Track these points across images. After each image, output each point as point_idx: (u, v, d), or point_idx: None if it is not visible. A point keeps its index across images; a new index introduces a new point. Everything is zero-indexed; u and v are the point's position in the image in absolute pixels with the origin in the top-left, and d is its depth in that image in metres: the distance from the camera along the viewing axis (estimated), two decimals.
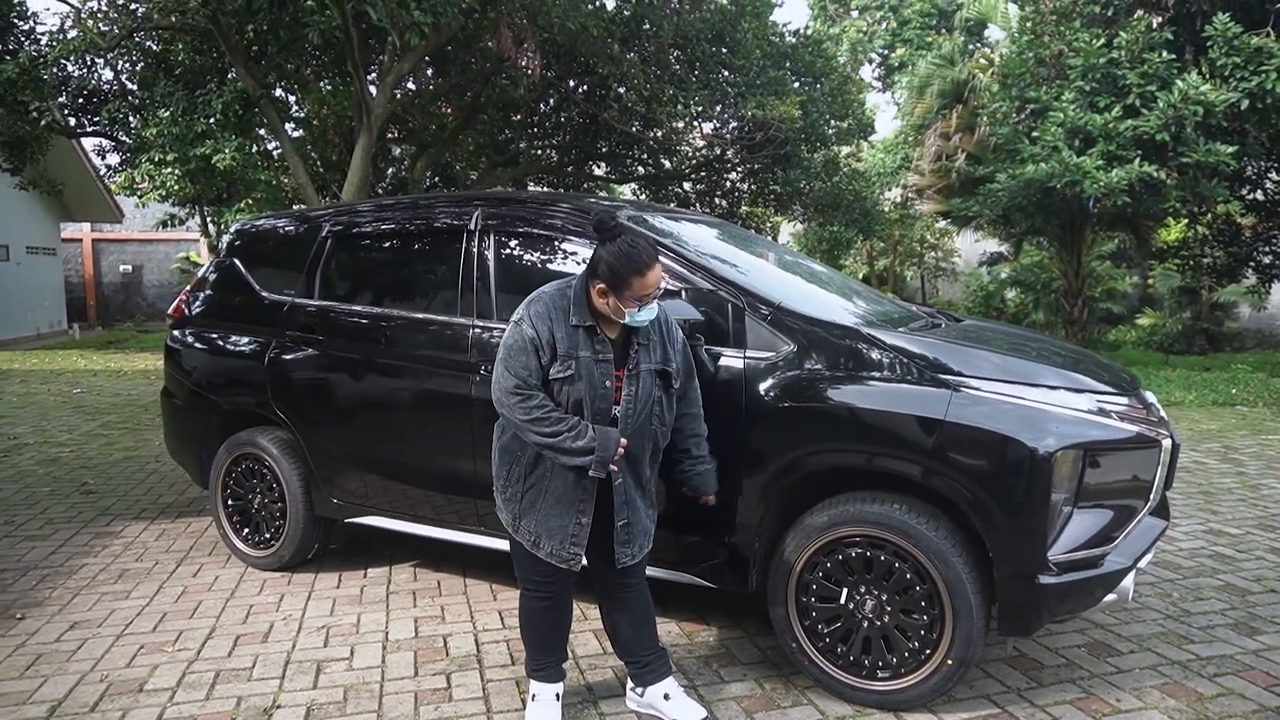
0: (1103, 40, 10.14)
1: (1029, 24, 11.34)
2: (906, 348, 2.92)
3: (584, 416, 2.53)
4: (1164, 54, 9.84)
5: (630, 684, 2.86)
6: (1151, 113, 9.69)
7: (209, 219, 13.24)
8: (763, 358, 3.00)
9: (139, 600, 3.79)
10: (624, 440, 2.55)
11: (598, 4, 12.14)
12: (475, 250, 3.61)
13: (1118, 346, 15.16)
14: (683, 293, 3.12)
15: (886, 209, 17.54)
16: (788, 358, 2.97)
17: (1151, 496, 2.93)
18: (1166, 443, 2.93)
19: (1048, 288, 14.98)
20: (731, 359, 3.03)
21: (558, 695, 2.77)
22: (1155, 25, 10.19)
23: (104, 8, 11.14)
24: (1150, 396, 3.29)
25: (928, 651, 2.76)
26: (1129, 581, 2.81)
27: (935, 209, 15.33)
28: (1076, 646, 3.35)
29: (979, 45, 17.50)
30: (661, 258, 3.21)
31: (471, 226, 3.66)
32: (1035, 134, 10.69)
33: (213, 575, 4.09)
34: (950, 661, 2.72)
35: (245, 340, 4.18)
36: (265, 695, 2.95)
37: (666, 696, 2.78)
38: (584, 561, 2.68)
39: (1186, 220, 13.93)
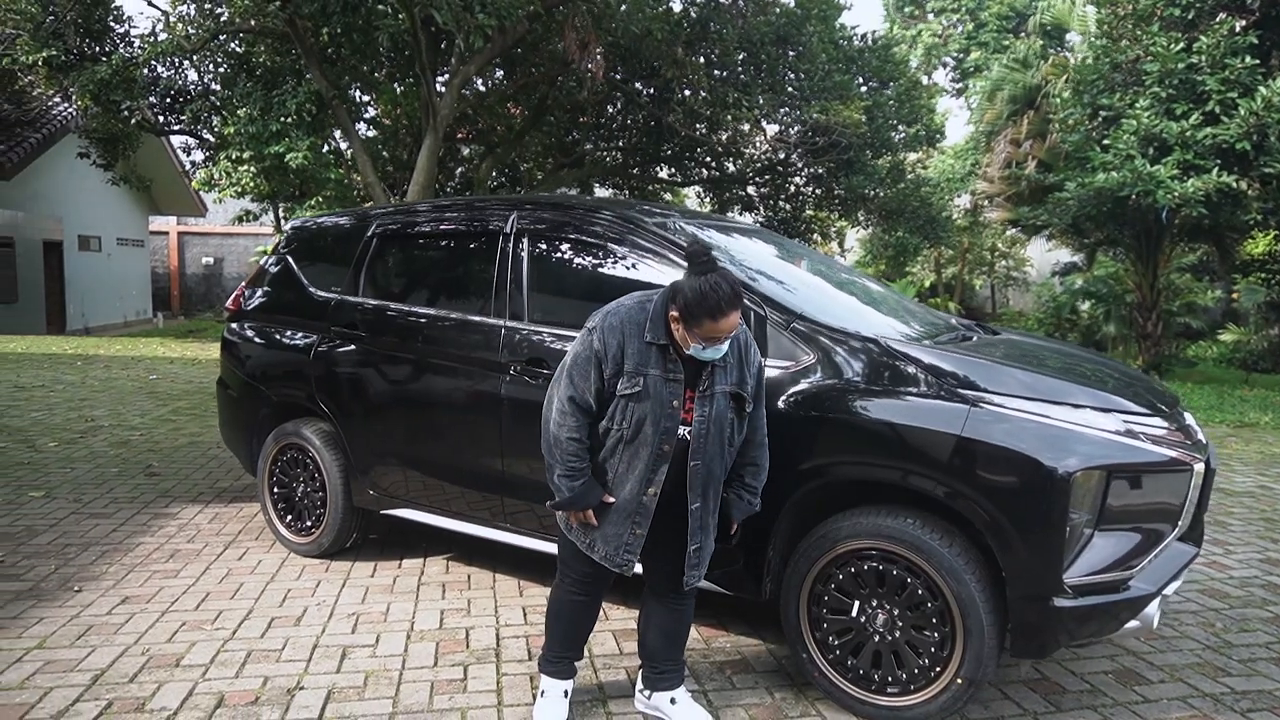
0: (1181, 45, 9.76)
1: (1105, 27, 10.98)
2: (927, 361, 2.89)
3: (648, 434, 2.51)
4: (1247, 59, 9.42)
5: (639, 685, 2.90)
6: (1232, 120, 9.29)
7: (282, 215, 13.74)
8: (783, 367, 3.01)
9: (186, 579, 3.99)
10: (607, 497, 2.57)
11: (663, 8, 12.20)
12: (510, 252, 3.70)
13: (1194, 363, 14.54)
14: None
15: (955, 216, 17.17)
16: (807, 368, 2.98)
17: (1180, 522, 2.84)
18: (1199, 467, 2.84)
19: (1120, 300, 14.46)
20: None
21: (566, 692, 2.83)
22: (1238, 29, 9.77)
23: (191, 12, 11.67)
24: (1189, 418, 3.19)
25: (938, 669, 2.73)
26: (1154, 608, 2.74)
27: (1004, 217, 14.95)
28: (1104, 673, 3.26)
29: (1057, 50, 16.99)
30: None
31: (507, 230, 3.74)
32: (1107, 142, 10.34)
33: (256, 559, 4.27)
34: (960, 680, 2.69)
35: (294, 335, 4.35)
36: (290, 676, 3.08)
37: (673, 701, 2.82)
38: (637, 568, 2.68)
39: (1275, 233, 13.30)
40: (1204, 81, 9.64)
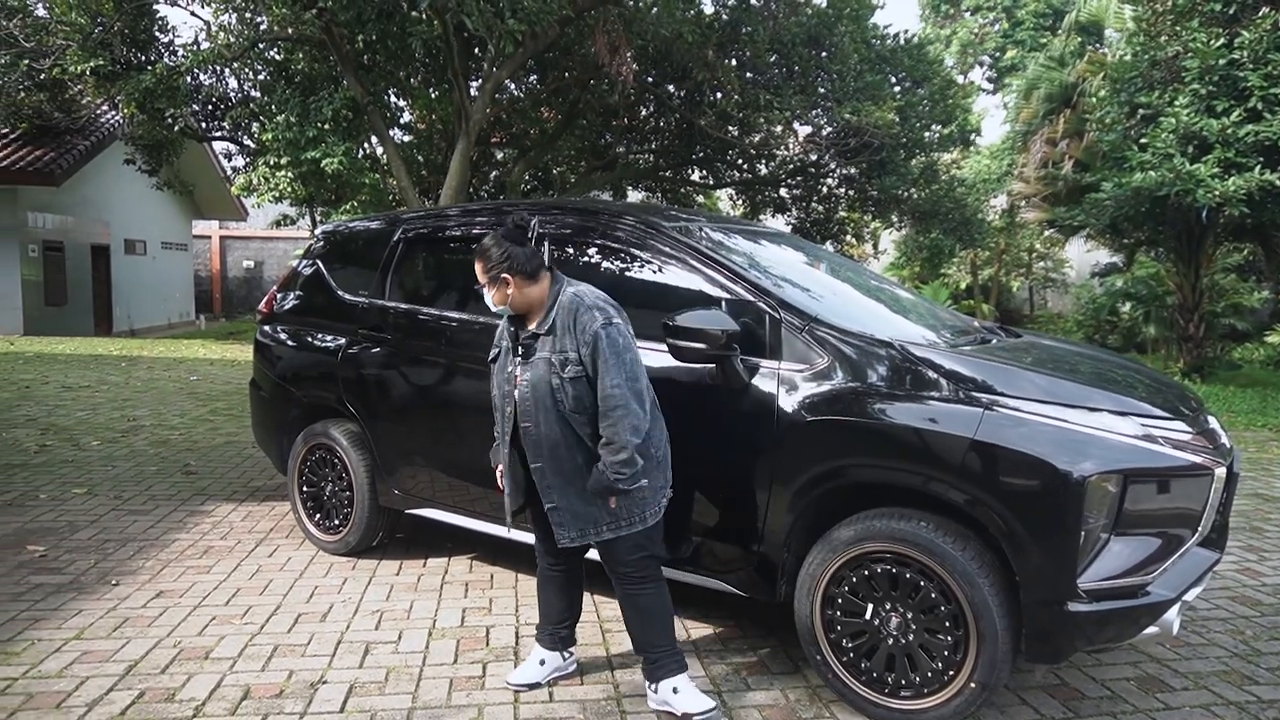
0: (1223, 40, 9.55)
1: (1143, 23, 10.78)
2: (942, 364, 2.89)
3: (496, 397, 2.96)
4: None
5: (646, 681, 2.95)
6: (1275, 117, 9.07)
7: (318, 219, 14.01)
8: (796, 369, 3.02)
9: (218, 575, 4.10)
10: (498, 464, 3.01)
11: (694, 11, 12.22)
12: None
13: (1239, 366, 14.20)
14: (723, 303, 3.17)
15: (991, 217, 16.97)
16: (821, 371, 2.99)
17: (1201, 527, 2.80)
18: (1220, 471, 2.80)
19: (1161, 302, 14.17)
20: (766, 370, 3.06)
21: (542, 661, 3.10)
22: None
23: (232, 21, 11.96)
24: (1213, 422, 3.15)
25: (951, 673, 2.72)
26: (1174, 614, 2.70)
27: (1041, 217, 14.73)
28: (1125, 679, 3.22)
29: (1095, 46, 16.71)
30: (705, 268, 3.31)
31: (529, 234, 3.79)
32: (1145, 140, 10.16)
33: (286, 556, 4.38)
34: (974, 684, 2.68)
35: (323, 337, 4.45)
36: (314, 671, 3.16)
37: (675, 690, 2.87)
38: (510, 521, 3.06)
39: None
40: (1246, 77, 9.43)
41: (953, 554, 2.68)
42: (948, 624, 2.72)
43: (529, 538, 3.71)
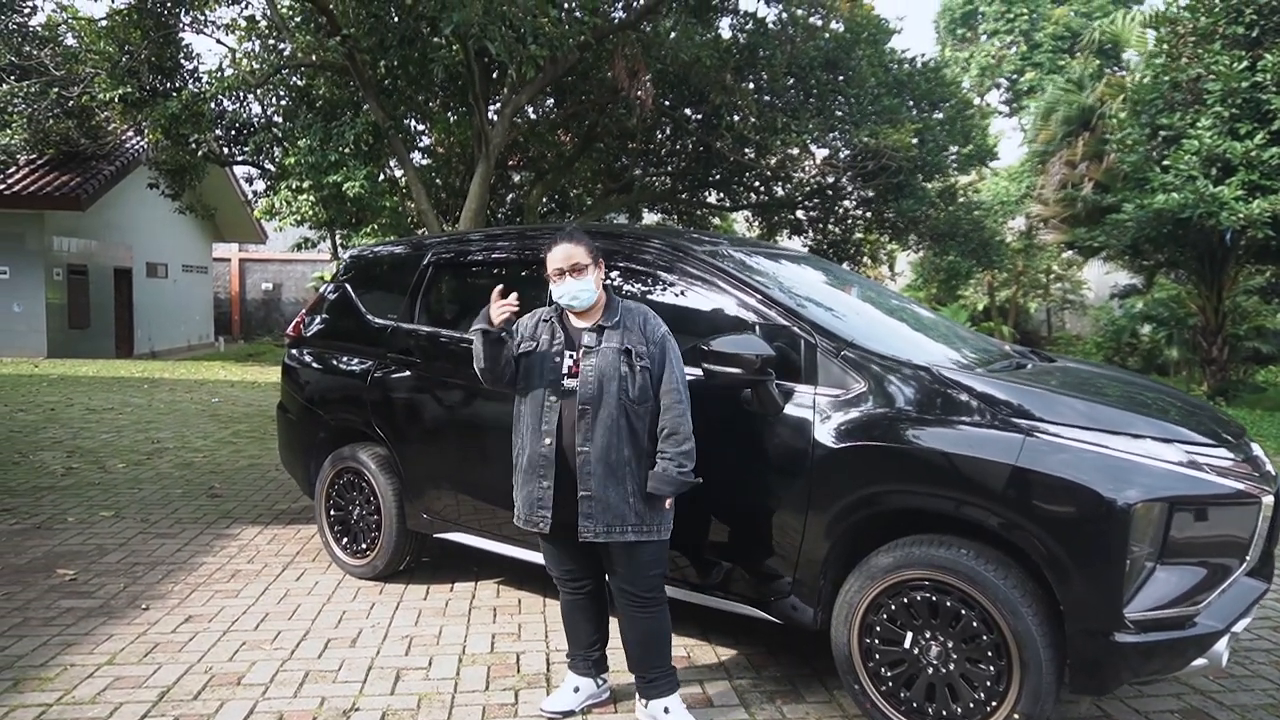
0: (1245, 63, 9.54)
1: (1165, 46, 10.78)
2: (981, 389, 2.86)
3: (534, 386, 2.94)
4: None
5: (637, 695, 2.99)
6: None
7: (339, 242, 14.11)
8: (833, 394, 3.00)
9: (246, 599, 4.09)
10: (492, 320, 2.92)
11: (712, 35, 12.32)
12: None
13: (1263, 389, 14.05)
14: (756, 328, 3.16)
15: (1009, 239, 16.91)
16: (858, 396, 2.97)
17: (1249, 556, 2.75)
18: (1268, 500, 2.76)
19: (1183, 324, 14.05)
20: (802, 395, 3.04)
21: (576, 689, 3.06)
22: None
23: (256, 48, 12.13)
24: (1256, 449, 3.10)
25: (994, 704, 2.68)
26: (1222, 646, 2.65)
27: (1059, 239, 14.67)
28: (1170, 712, 3.15)
29: (1113, 69, 16.69)
30: (737, 292, 3.31)
31: None
32: (1167, 162, 10.13)
33: (314, 580, 4.37)
34: (1017, 716, 2.63)
35: (351, 360, 4.46)
36: (346, 698, 3.14)
37: (666, 710, 2.89)
38: (548, 525, 2.91)
39: None
40: (1269, 100, 9.40)
41: (994, 582, 2.65)
42: (990, 653, 2.67)
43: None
